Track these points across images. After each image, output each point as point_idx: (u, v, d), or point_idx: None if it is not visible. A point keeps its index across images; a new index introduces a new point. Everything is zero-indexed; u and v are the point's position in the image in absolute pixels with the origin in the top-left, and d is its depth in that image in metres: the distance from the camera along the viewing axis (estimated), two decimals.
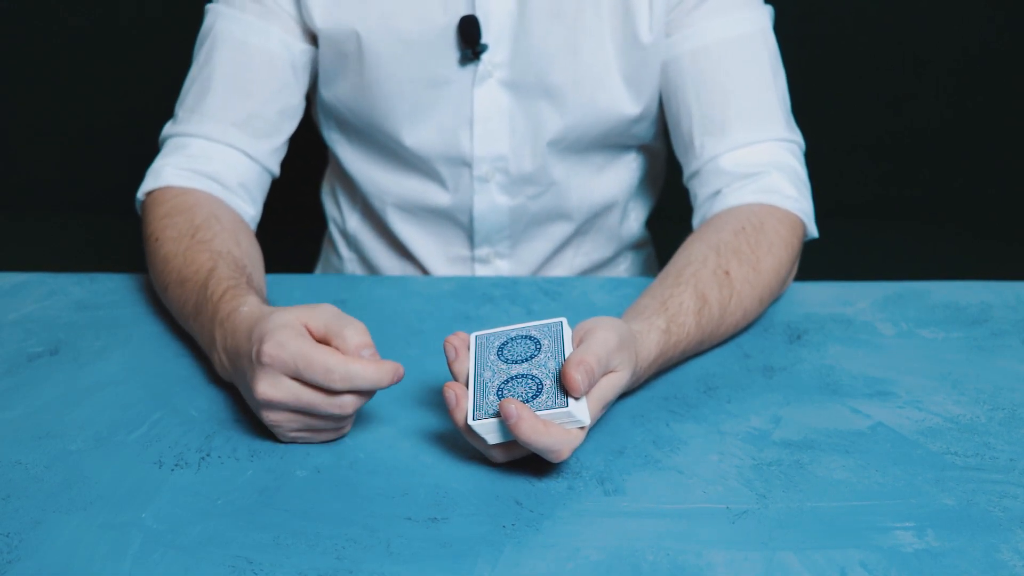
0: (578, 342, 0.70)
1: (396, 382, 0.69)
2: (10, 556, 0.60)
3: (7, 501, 0.65)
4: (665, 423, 0.75)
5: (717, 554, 0.61)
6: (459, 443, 0.72)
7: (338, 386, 0.67)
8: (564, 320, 0.72)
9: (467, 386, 0.69)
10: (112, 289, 0.96)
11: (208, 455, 0.71)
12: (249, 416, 0.75)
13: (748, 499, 0.66)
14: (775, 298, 0.91)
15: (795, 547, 0.62)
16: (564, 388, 0.66)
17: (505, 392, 0.67)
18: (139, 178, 1.01)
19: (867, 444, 0.72)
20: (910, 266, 1.95)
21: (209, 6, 1.02)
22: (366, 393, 0.69)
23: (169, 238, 0.89)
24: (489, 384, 0.68)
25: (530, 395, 0.67)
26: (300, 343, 0.67)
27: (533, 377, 0.68)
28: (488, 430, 0.66)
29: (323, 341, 0.69)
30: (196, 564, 0.60)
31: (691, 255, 0.86)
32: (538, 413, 0.65)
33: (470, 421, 0.66)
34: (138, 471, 0.69)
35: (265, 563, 0.60)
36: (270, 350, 0.67)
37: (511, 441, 0.67)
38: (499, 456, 0.69)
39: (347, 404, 0.68)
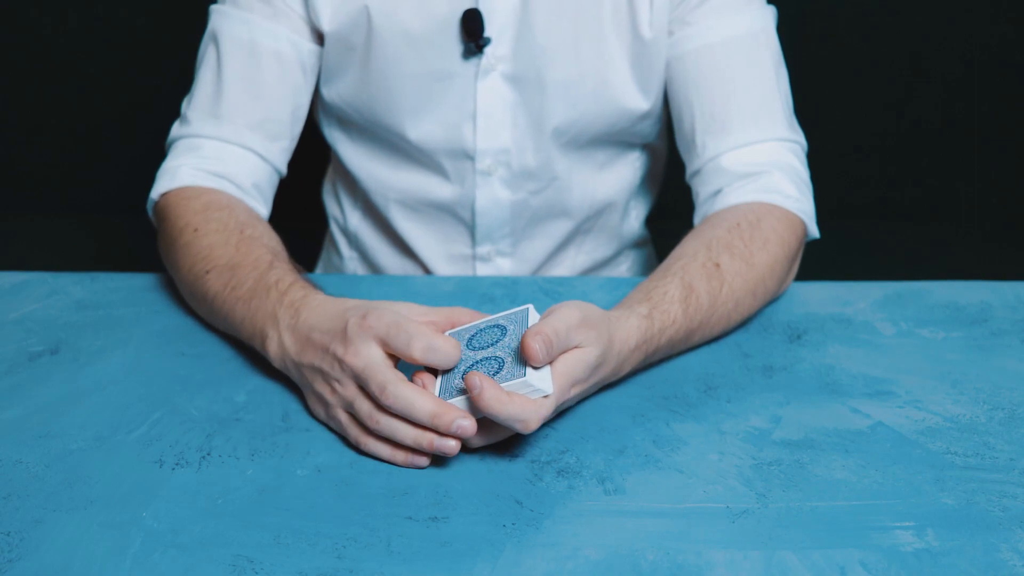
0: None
1: (456, 432, 0.66)
2: (11, 555, 0.60)
3: (8, 500, 0.66)
4: (665, 423, 0.75)
5: (717, 554, 0.61)
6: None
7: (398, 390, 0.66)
8: (531, 306, 0.72)
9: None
10: (112, 289, 0.96)
11: (208, 454, 0.71)
12: (250, 415, 0.75)
13: (748, 499, 0.66)
14: (772, 295, 0.91)
15: (795, 547, 0.62)
16: (523, 360, 0.67)
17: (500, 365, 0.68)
18: (139, 178, 1.01)
19: (867, 444, 0.72)
20: (910, 266, 1.95)
21: (214, 7, 1.02)
22: (407, 427, 0.68)
23: (214, 230, 0.88)
24: (456, 370, 0.69)
25: (492, 372, 0.67)
26: (398, 316, 0.68)
27: (496, 358, 0.69)
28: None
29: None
30: (196, 563, 0.60)
31: (683, 251, 0.87)
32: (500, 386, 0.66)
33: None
34: (138, 470, 0.69)
35: (266, 562, 0.60)
36: (371, 319, 0.68)
37: (482, 420, 0.67)
38: (475, 440, 0.69)
39: (382, 424, 0.68)
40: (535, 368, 0.67)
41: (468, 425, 0.65)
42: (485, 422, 0.68)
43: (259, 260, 0.83)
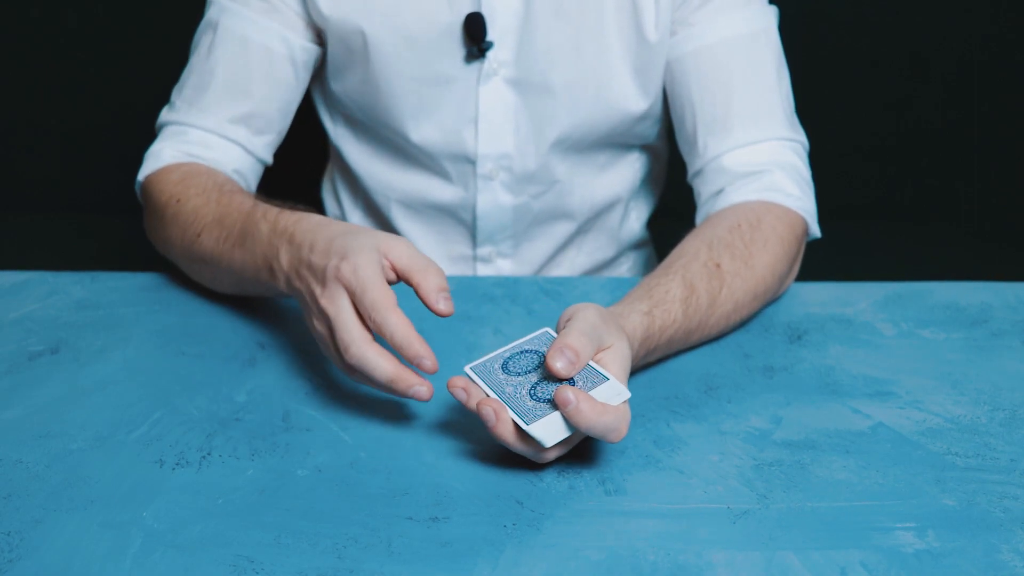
0: (561, 328, 0.70)
1: (413, 396, 0.70)
2: (11, 555, 0.60)
3: (8, 500, 0.65)
4: (666, 423, 0.75)
5: (717, 554, 0.61)
6: (461, 442, 0.72)
7: (385, 330, 0.69)
8: (548, 329, 0.72)
9: None
10: (112, 288, 0.96)
11: (209, 454, 0.71)
12: (250, 415, 0.75)
13: (749, 499, 0.66)
14: (773, 295, 0.91)
15: (795, 547, 0.62)
16: (595, 372, 0.66)
17: (538, 394, 0.66)
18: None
19: (868, 444, 0.72)
20: (910, 266, 1.95)
21: None
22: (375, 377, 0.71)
23: (194, 194, 0.90)
24: (518, 395, 0.67)
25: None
26: (371, 275, 0.70)
27: (555, 378, 0.67)
28: (547, 430, 0.65)
29: (403, 274, 0.71)
30: (196, 563, 0.60)
31: (683, 250, 0.87)
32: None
33: (526, 427, 0.64)
34: (139, 470, 0.69)
35: (266, 562, 0.60)
36: (346, 271, 0.70)
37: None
38: (553, 455, 0.67)
39: (358, 359, 0.70)
40: (606, 377, 0.66)
41: (424, 391, 0.69)
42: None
43: (242, 205, 0.85)
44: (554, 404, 0.65)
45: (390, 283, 0.72)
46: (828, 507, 0.65)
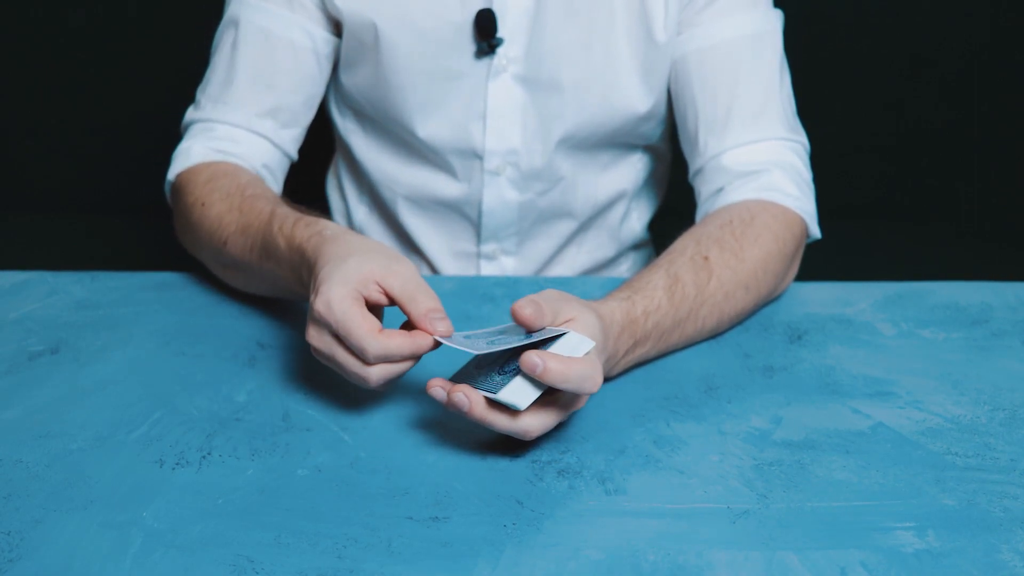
0: None
1: (429, 349, 0.70)
2: (11, 555, 0.60)
3: (8, 500, 0.65)
4: (666, 423, 0.75)
5: (717, 554, 0.61)
6: (461, 442, 0.72)
7: (371, 360, 0.68)
8: (513, 324, 0.72)
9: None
10: (113, 288, 0.96)
11: (209, 454, 0.71)
12: (250, 415, 0.75)
13: (749, 499, 0.66)
14: (769, 291, 0.91)
15: (796, 547, 0.62)
16: (551, 331, 0.67)
17: (505, 369, 0.67)
18: (140, 178, 1.02)
19: (868, 444, 0.72)
20: (910, 266, 1.95)
21: None
22: (401, 362, 0.70)
23: (218, 199, 0.90)
24: (488, 376, 0.68)
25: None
26: (346, 309, 0.68)
27: (518, 349, 0.67)
28: (517, 394, 0.65)
29: (396, 302, 0.71)
30: (197, 563, 0.60)
31: (672, 247, 0.87)
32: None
33: (496, 396, 0.65)
34: (139, 470, 0.69)
35: (266, 562, 0.60)
36: (320, 307, 0.69)
37: (540, 404, 0.66)
38: (534, 427, 0.67)
39: (371, 377, 0.69)
40: (563, 332, 0.67)
41: (444, 326, 0.69)
42: (541, 407, 0.67)
43: (261, 213, 0.85)
44: (520, 372, 0.65)
45: (383, 306, 0.72)
46: (828, 507, 0.65)
